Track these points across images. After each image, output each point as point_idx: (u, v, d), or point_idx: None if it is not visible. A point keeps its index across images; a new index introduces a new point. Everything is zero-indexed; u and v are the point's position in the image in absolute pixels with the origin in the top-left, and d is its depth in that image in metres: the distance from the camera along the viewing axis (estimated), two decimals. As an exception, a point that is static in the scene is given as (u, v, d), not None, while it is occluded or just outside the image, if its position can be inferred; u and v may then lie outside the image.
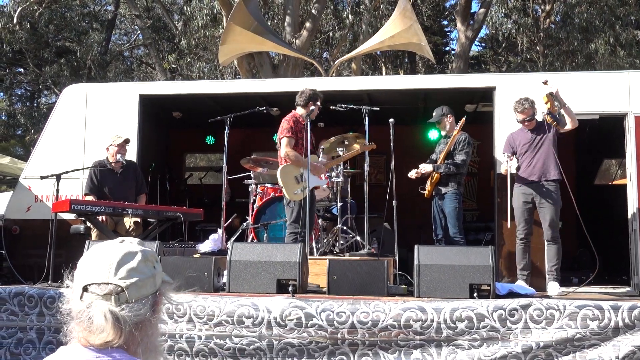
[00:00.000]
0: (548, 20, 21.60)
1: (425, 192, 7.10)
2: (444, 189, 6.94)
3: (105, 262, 1.55)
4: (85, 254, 1.60)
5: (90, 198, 7.09)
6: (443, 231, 6.97)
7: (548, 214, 6.19)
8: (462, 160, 6.93)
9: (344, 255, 6.94)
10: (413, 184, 7.70)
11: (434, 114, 7.19)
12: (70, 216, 7.10)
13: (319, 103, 6.76)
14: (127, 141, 7.34)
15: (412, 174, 7.07)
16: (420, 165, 7.08)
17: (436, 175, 6.95)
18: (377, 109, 7.24)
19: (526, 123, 6.49)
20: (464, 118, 6.96)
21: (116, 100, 8.20)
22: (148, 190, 8.12)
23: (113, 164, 7.28)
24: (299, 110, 6.78)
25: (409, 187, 7.96)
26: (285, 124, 6.64)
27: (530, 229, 6.39)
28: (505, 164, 6.46)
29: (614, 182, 10.70)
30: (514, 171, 6.40)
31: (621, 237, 7.75)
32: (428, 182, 7.11)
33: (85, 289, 1.52)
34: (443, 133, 7.30)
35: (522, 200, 6.39)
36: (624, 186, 7.43)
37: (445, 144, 7.11)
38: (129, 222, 7.12)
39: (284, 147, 6.59)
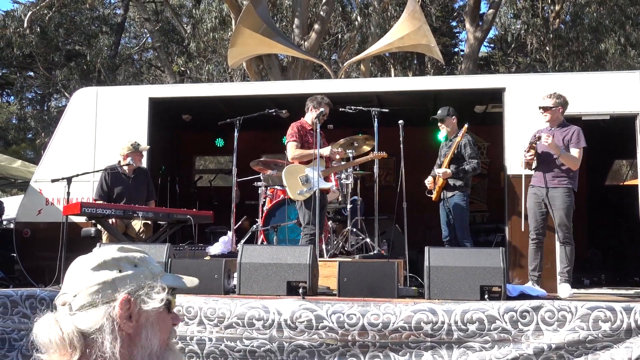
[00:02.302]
0: (557, 20, 21.51)
1: (433, 196, 7.05)
2: (450, 192, 6.91)
3: (67, 274, 1.50)
4: None
5: None
6: (451, 232, 6.94)
7: (558, 216, 6.15)
8: (477, 163, 6.90)
9: (354, 257, 6.94)
10: (423, 186, 7.68)
11: (439, 111, 7.14)
12: (81, 219, 7.13)
13: (323, 107, 6.82)
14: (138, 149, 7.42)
15: (435, 177, 7.01)
16: (437, 170, 6.95)
17: (442, 180, 6.90)
18: (387, 110, 7.23)
19: (545, 114, 6.40)
20: (466, 125, 6.89)
21: (126, 103, 8.24)
22: (158, 193, 8.14)
23: (125, 168, 7.31)
24: (307, 116, 6.93)
25: (419, 188, 7.95)
26: (290, 129, 6.87)
27: (543, 230, 6.33)
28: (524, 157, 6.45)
29: (625, 183, 10.64)
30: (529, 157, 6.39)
31: (633, 239, 7.71)
32: (436, 186, 7.04)
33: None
34: (443, 133, 7.19)
35: (535, 200, 6.34)
36: (635, 187, 7.39)
37: (447, 147, 7.05)
38: (138, 224, 7.14)
39: (289, 151, 6.82)
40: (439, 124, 7.20)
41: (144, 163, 7.79)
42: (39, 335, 1.42)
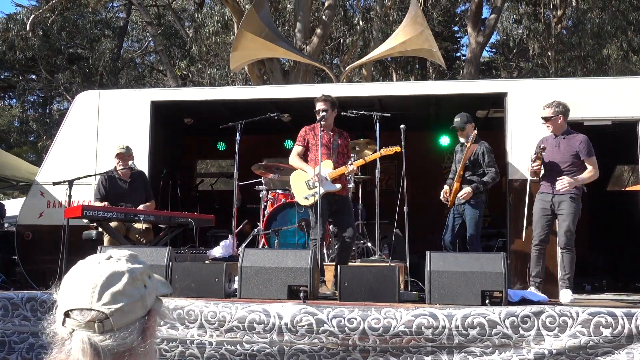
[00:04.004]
0: (560, 25, 21.54)
1: (448, 202, 7.00)
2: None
3: (88, 284, 1.38)
4: (69, 273, 1.44)
5: None
6: (456, 238, 6.91)
7: (565, 222, 6.13)
8: (496, 172, 6.82)
9: (355, 262, 6.93)
10: (424, 191, 7.66)
11: (458, 119, 6.96)
12: (83, 222, 7.13)
13: (318, 107, 6.43)
14: (125, 152, 7.30)
15: (451, 186, 6.92)
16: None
17: (456, 184, 6.86)
18: (388, 115, 7.22)
19: (547, 124, 6.41)
20: (475, 131, 6.84)
21: (128, 106, 8.24)
22: (159, 196, 8.11)
23: (121, 173, 7.30)
24: None
25: (420, 193, 7.94)
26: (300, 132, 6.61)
27: (547, 237, 6.30)
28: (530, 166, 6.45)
29: (626, 189, 10.64)
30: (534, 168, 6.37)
31: (635, 244, 7.69)
32: (451, 192, 6.98)
33: (67, 315, 1.37)
34: (462, 140, 7.03)
35: (541, 206, 6.32)
36: (637, 192, 7.38)
37: (462, 152, 6.98)
38: (139, 228, 7.13)
39: (290, 155, 6.60)
40: (458, 133, 7.07)
41: (145, 166, 7.79)
42: (73, 353, 1.35)
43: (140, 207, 7.05)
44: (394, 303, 5.24)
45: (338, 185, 6.31)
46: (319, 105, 6.42)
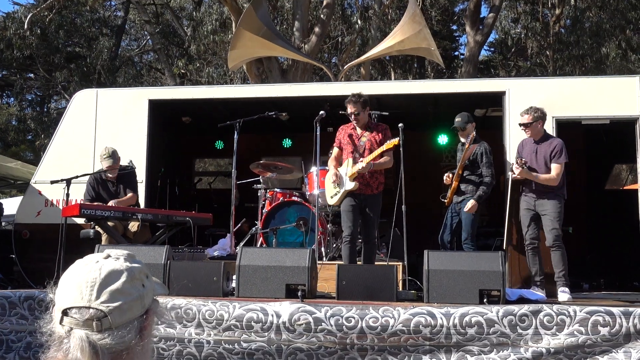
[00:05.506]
0: (558, 24, 21.54)
1: (446, 201, 7.01)
2: (461, 197, 6.86)
3: (86, 282, 1.38)
4: (67, 272, 1.44)
5: None
6: (454, 236, 6.91)
7: (549, 221, 6.23)
8: (491, 174, 6.81)
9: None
10: (422, 189, 7.64)
11: (459, 119, 6.94)
12: (80, 220, 7.12)
13: (348, 111, 6.55)
14: (112, 160, 7.23)
15: (454, 175, 6.94)
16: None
17: (454, 184, 6.86)
18: (387, 113, 7.21)
19: (526, 130, 6.51)
20: (473, 133, 6.83)
21: (126, 105, 8.23)
22: (157, 195, 8.05)
23: (109, 174, 7.26)
24: None
25: (419, 192, 7.92)
26: None
27: (537, 234, 6.37)
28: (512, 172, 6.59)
29: (624, 187, 10.65)
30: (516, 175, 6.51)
31: (633, 243, 7.69)
32: (449, 191, 6.99)
33: (65, 313, 1.37)
34: (463, 140, 7.00)
35: (525, 207, 6.48)
36: (635, 191, 7.39)
37: (462, 152, 6.94)
38: (136, 226, 7.11)
39: None
40: (459, 133, 7.04)
41: (142, 165, 7.78)
42: (72, 352, 1.34)
43: (113, 202, 6.99)
44: (392, 302, 5.24)
45: (353, 184, 6.29)
46: (348, 109, 6.50)
